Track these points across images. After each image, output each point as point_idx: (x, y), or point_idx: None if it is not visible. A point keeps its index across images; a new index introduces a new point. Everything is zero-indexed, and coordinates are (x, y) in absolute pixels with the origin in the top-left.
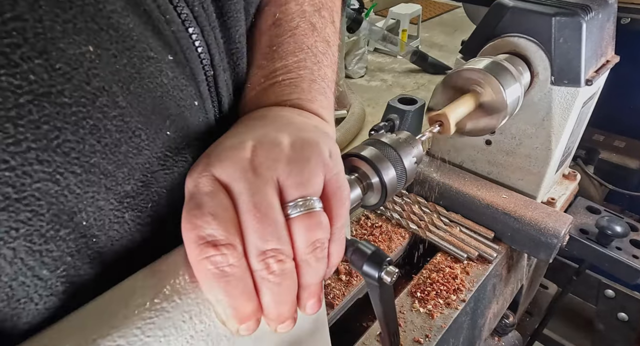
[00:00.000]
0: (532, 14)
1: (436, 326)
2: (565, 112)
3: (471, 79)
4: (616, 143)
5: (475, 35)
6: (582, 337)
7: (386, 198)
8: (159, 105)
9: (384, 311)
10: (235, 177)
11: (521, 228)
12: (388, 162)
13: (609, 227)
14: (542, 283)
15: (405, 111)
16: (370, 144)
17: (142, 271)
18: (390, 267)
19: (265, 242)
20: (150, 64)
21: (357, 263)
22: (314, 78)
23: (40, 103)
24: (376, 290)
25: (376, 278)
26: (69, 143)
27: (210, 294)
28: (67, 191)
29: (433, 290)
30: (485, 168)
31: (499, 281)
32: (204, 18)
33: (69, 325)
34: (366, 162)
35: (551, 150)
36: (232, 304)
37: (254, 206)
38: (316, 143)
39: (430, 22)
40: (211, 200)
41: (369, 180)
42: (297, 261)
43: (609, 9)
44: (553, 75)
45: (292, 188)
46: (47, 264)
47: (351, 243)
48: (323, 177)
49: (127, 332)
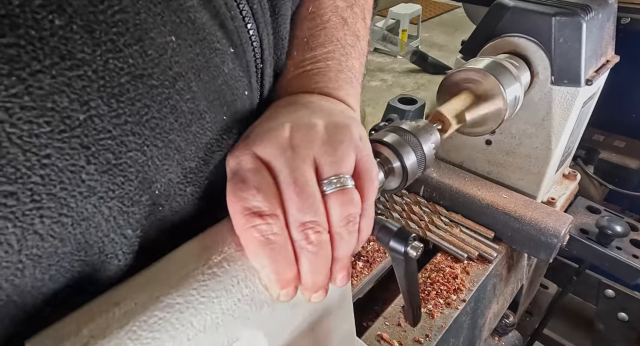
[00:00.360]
0: (532, 14)
1: (436, 326)
2: (565, 112)
3: (471, 79)
4: (616, 143)
5: (476, 35)
6: (582, 337)
7: (406, 183)
8: (220, 92)
9: (408, 285)
10: (275, 154)
11: (521, 228)
12: (409, 147)
13: (609, 226)
14: (542, 283)
15: (406, 111)
16: (391, 131)
17: (196, 240)
18: (415, 242)
19: (304, 214)
20: (216, 55)
21: (384, 239)
22: (341, 68)
23: (135, 84)
24: (402, 264)
25: (402, 252)
26: (154, 119)
27: (256, 260)
28: (150, 162)
29: (433, 290)
30: (486, 168)
31: (499, 281)
32: (261, 15)
33: (136, 284)
34: (388, 147)
35: (551, 150)
36: (275, 269)
37: (294, 181)
38: (347, 126)
39: (430, 22)
40: (254, 175)
41: (390, 164)
42: (332, 233)
43: (609, 8)
44: (553, 75)
45: (327, 166)
46: (131, 225)
47: (377, 221)
48: (354, 157)
49: (185, 292)
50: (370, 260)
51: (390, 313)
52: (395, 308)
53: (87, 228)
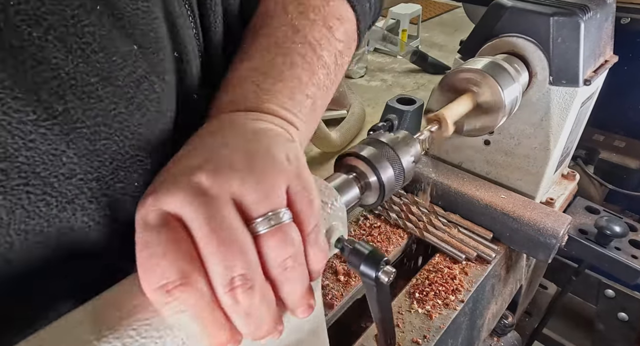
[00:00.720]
0: (530, 14)
1: (434, 326)
2: (563, 112)
3: (469, 79)
4: (616, 143)
5: (474, 35)
6: (582, 337)
7: (384, 198)
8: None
9: (380, 312)
10: (185, 204)
11: (520, 229)
12: (386, 161)
13: (608, 227)
14: (541, 283)
15: (404, 111)
16: (368, 144)
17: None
18: (387, 267)
19: (229, 269)
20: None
21: (355, 262)
22: (281, 78)
23: (104, 84)
24: (373, 289)
25: (373, 278)
26: (122, 114)
27: (183, 331)
28: (122, 151)
29: (432, 291)
30: (484, 169)
31: (498, 281)
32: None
33: (65, 326)
34: (364, 161)
35: (550, 150)
36: (206, 334)
37: (211, 231)
38: (268, 150)
39: (430, 22)
40: (158, 236)
41: (366, 179)
42: (271, 279)
43: (607, 8)
44: (551, 75)
45: (254, 204)
46: (109, 206)
47: (349, 242)
48: (285, 184)
49: (123, 333)
50: None
51: None
52: (394, 309)
53: (74, 213)
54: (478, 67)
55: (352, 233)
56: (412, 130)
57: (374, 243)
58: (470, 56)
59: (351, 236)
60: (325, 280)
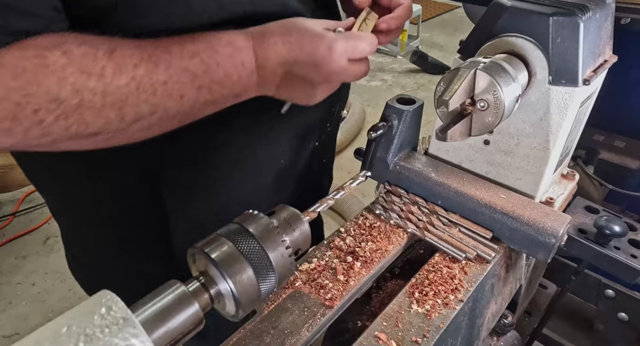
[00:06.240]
0: (529, 14)
1: (434, 326)
2: (563, 112)
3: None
4: (616, 143)
5: (473, 35)
6: (582, 337)
7: (245, 309)
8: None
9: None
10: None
11: (519, 228)
12: (244, 261)
13: (607, 226)
14: (541, 283)
15: (404, 111)
16: (229, 234)
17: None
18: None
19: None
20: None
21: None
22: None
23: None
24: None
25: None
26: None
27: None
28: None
29: (431, 290)
30: (484, 168)
31: (498, 281)
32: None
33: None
34: (213, 265)
35: (549, 150)
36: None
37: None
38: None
39: (430, 22)
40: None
41: (215, 286)
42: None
43: (606, 8)
44: (551, 74)
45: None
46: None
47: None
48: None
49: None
50: (368, 260)
51: (388, 313)
52: (393, 308)
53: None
54: (478, 66)
55: (352, 233)
56: (412, 130)
57: (374, 243)
58: (469, 56)
59: (351, 235)
60: (325, 280)
